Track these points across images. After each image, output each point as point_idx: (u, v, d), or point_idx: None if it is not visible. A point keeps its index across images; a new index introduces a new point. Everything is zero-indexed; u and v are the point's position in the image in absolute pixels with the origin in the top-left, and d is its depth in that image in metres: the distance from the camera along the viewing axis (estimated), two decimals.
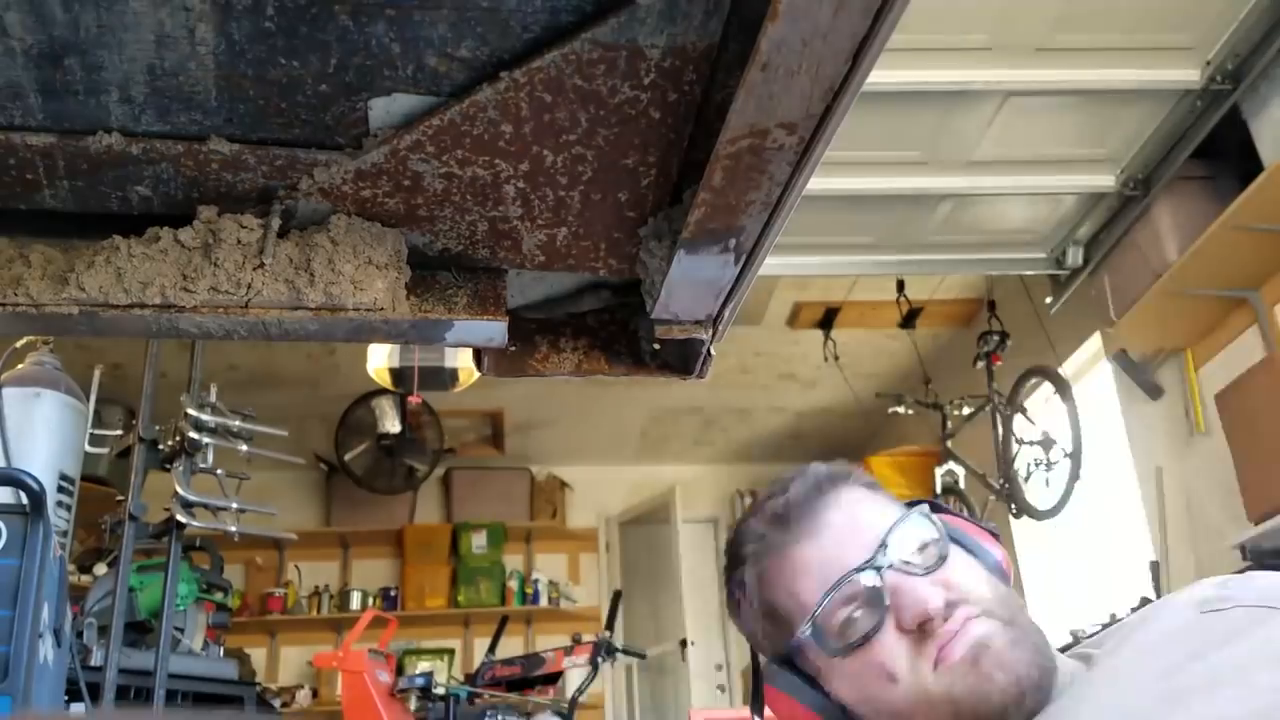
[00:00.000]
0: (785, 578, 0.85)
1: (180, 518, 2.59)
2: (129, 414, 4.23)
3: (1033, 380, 4.53)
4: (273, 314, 0.45)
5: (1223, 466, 3.48)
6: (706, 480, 7.27)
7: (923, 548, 0.82)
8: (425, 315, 0.48)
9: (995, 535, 0.91)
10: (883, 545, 0.81)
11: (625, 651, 4.20)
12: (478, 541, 6.60)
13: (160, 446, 2.62)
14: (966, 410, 4.93)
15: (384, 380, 4.52)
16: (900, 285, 4.98)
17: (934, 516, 0.85)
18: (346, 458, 6.16)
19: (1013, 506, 4.56)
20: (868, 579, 0.81)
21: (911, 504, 0.87)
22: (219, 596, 3.32)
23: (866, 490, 0.89)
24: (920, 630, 0.79)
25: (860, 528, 0.84)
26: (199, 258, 0.45)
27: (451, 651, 6.54)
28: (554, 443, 6.85)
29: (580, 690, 3.81)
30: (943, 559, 0.82)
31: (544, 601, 6.57)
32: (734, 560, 0.91)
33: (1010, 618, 0.80)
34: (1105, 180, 3.73)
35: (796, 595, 0.84)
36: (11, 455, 2.11)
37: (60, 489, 2.29)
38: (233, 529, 2.71)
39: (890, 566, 0.81)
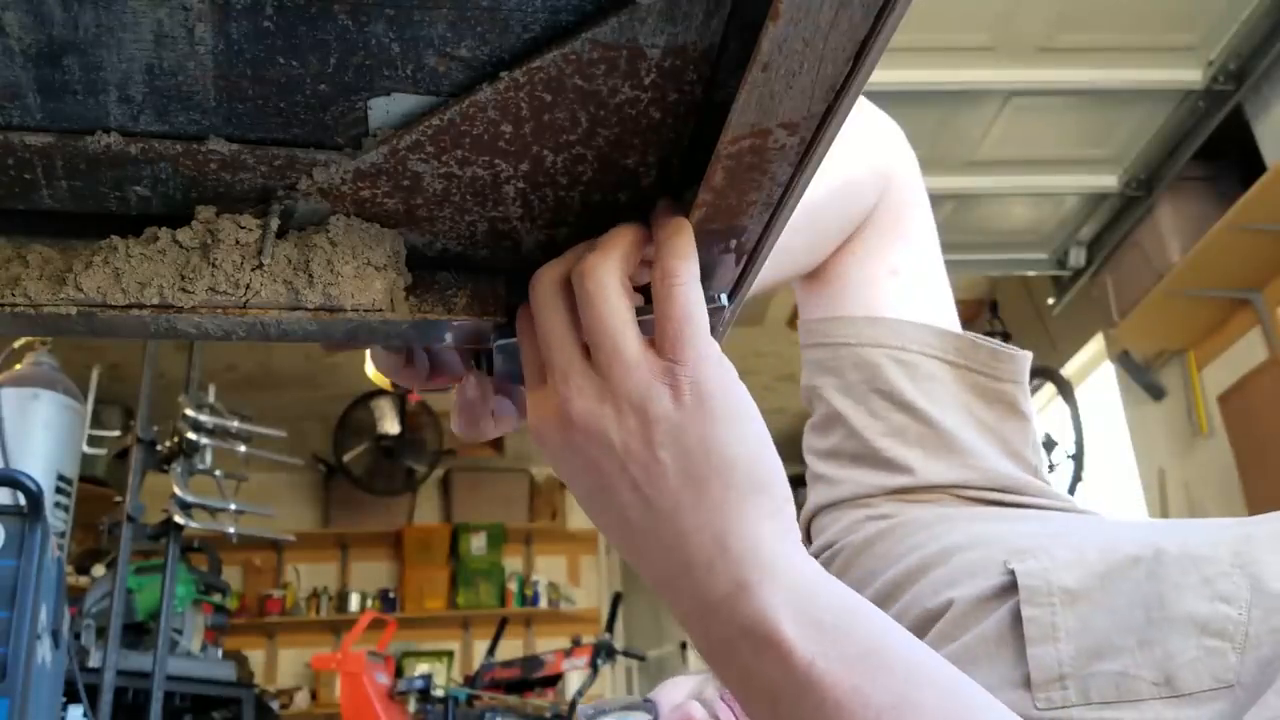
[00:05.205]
0: None
1: (178, 519, 2.59)
2: (127, 415, 4.23)
3: (1035, 381, 4.53)
4: (271, 315, 0.45)
5: (1225, 468, 3.48)
6: None
7: None
8: (424, 316, 0.48)
9: None
10: None
11: (625, 654, 4.19)
12: (477, 543, 6.58)
13: (158, 447, 2.62)
14: None
15: (383, 381, 4.51)
16: None
17: None
18: (345, 459, 6.15)
19: None
20: None
21: None
22: (217, 598, 3.32)
23: None
24: None
25: None
26: (197, 258, 0.44)
27: (451, 654, 6.53)
28: None
29: (580, 693, 3.81)
30: None
31: (544, 603, 6.56)
32: None
33: None
34: (1107, 181, 3.73)
35: None
36: (9, 456, 2.11)
37: (58, 490, 2.29)
38: (231, 530, 2.72)
39: None
